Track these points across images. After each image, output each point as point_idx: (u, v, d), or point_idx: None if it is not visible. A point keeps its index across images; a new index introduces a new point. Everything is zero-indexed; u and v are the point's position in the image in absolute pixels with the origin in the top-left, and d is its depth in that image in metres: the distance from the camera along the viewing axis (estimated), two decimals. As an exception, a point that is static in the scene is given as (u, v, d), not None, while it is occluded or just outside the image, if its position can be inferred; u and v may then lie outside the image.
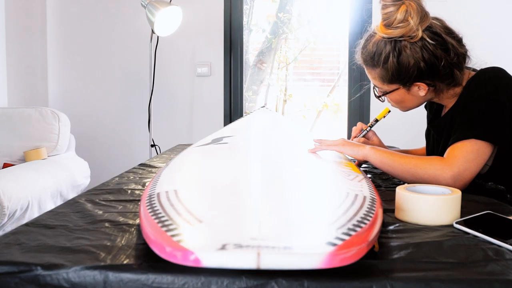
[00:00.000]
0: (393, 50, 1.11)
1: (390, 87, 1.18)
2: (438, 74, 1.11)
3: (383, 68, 1.14)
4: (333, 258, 0.50)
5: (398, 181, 1.22)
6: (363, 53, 1.18)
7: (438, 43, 1.10)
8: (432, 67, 1.10)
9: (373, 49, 1.14)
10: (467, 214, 0.85)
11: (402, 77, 1.13)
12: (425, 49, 1.09)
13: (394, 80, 1.15)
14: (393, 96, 1.20)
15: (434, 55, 1.09)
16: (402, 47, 1.10)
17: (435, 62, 1.10)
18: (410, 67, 1.10)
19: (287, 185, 0.80)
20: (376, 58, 1.14)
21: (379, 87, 1.21)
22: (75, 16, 3.12)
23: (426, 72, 1.11)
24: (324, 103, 3.95)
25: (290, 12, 3.89)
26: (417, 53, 1.09)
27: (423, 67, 1.10)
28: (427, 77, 1.12)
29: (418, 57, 1.09)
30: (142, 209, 0.69)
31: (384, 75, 1.15)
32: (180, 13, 2.63)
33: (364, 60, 1.19)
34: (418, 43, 1.09)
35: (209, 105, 3.08)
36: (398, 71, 1.12)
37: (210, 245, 0.52)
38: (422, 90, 1.15)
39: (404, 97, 1.19)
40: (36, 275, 0.59)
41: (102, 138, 3.15)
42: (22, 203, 1.87)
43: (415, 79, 1.13)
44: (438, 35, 1.10)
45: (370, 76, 1.21)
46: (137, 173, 1.29)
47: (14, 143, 2.31)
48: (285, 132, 1.42)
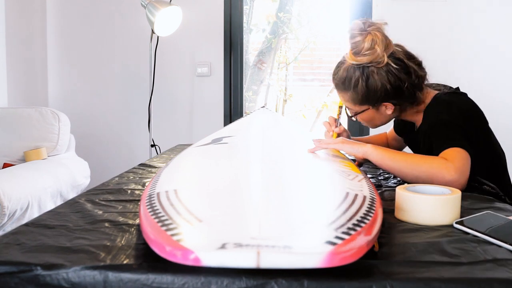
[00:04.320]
0: (362, 75, 1.21)
1: (360, 108, 1.28)
2: (403, 95, 1.23)
3: (353, 92, 1.24)
4: (333, 257, 0.50)
5: (398, 181, 1.22)
6: (335, 79, 1.28)
7: (401, 68, 1.21)
8: (397, 89, 1.21)
9: (344, 75, 1.24)
10: (467, 214, 0.85)
11: (371, 99, 1.24)
12: (390, 73, 1.20)
13: (363, 102, 1.26)
14: (364, 116, 1.31)
15: (399, 78, 1.20)
16: (370, 72, 1.20)
17: (400, 84, 1.21)
18: (377, 89, 1.21)
19: (287, 185, 0.80)
20: (347, 83, 1.24)
21: (351, 108, 1.31)
22: (75, 16, 3.12)
23: (392, 94, 1.22)
24: (324, 103, 3.95)
25: (290, 12, 3.89)
26: (383, 77, 1.20)
27: (389, 89, 1.21)
28: (393, 98, 1.23)
29: (385, 81, 1.20)
30: (142, 208, 0.69)
31: (355, 98, 1.26)
32: (180, 13, 2.63)
33: (336, 84, 1.29)
34: (383, 68, 1.20)
35: (209, 105, 3.08)
36: (367, 94, 1.23)
37: (210, 244, 0.52)
38: (389, 109, 1.27)
39: (373, 116, 1.30)
40: (36, 275, 0.59)
41: (102, 138, 3.15)
42: (22, 203, 1.86)
43: (383, 100, 1.24)
44: (400, 60, 1.21)
45: (342, 99, 1.32)
46: (137, 173, 1.29)
47: (14, 143, 2.31)
48: (285, 132, 1.42)
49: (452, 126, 1.14)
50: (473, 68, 2.88)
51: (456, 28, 2.88)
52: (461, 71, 2.86)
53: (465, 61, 2.89)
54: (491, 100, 2.35)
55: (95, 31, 3.11)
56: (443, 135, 1.13)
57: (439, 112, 1.19)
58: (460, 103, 1.22)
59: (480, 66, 2.89)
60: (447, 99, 1.23)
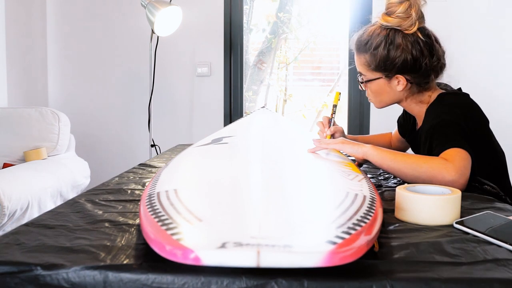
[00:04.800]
0: (386, 38, 1.19)
1: (373, 74, 1.25)
2: (419, 71, 1.21)
3: (371, 54, 1.22)
4: (333, 257, 0.50)
5: (398, 181, 1.22)
6: (358, 39, 1.26)
7: (427, 44, 1.20)
8: (416, 62, 1.19)
9: (368, 36, 1.23)
10: (467, 214, 0.85)
11: (387, 66, 1.21)
12: (415, 45, 1.18)
13: (378, 68, 1.23)
14: (374, 86, 1.28)
15: (421, 52, 1.19)
16: (395, 37, 1.19)
17: (420, 58, 1.19)
18: (396, 58, 1.19)
19: (287, 184, 0.80)
20: (368, 44, 1.22)
21: (364, 74, 1.28)
22: (75, 16, 3.12)
23: (409, 66, 1.20)
24: (324, 103, 3.95)
25: (290, 12, 3.89)
26: (407, 46, 1.18)
27: (408, 61, 1.19)
28: (409, 72, 1.21)
29: (407, 50, 1.18)
30: (142, 208, 0.69)
31: (371, 62, 1.23)
32: (180, 13, 2.63)
33: (357, 45, 1.26)
34: (410, 37, 1.18)
35: (209, 105, 3.08)
36: (385, 59, 1.20)
37: (210, 243, 0.52)
38: (401, 85, 1.24)
39: (383, 88, 1.27)
40: (36, 275, 0.59)
41: (102, 138, 3.15)
42: (22, 203, 1.86)
43: (397, 70, 1.21)
44: (429, 37, 1.21)
45: (358, 62, 1.28)
46: (137, 173, 1.29)
47: (14, 143, 2.31)
48: (285, 132, 1.42)
49: (453, 127, 1.14)
50: (473, 68, 2.88)
51: (456, 28, 2.88)
52: (461, 71, 2.86)
53: (465, 61, 2.89)
54: (491, 100, 2.35)
55: (95, 31, 3.11)
56: (444, 135, 1.13)
57: (441, 112, 1.19)
58: (463, 104, 1.22)
59: (480, 66, 2.89)
60: (450, 100, 1.23)
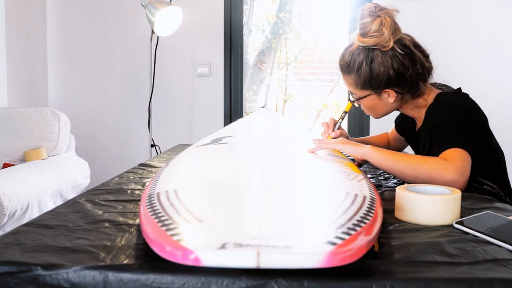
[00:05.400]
0: (366, 58, 1.22)
1: (362, 92, 1.29)
2: (405, 82, 1.23)
3: (356, 74, 1.25)
4: (333, 257, 0.50)
5: (398, 181, 1.22)
6: (341, 61, 1.30)
7: (407, 54, 1.22)
8: (400, 75, 1.22)
9: (349, 57, 1.26)
10: (467, 214, 0.85)
11: (373, 83, 1.24)
12: (395, 59, 1.21)
13: (366, 86, 1.26)
14: (366, 102, 1.31)
15: (403, 64, 1.21)
16: (374, 55, 1.21)
17: (403, 71, 1.21)
18: (380, 74, 1.22)
19: (287, 185, 0.80)
20: (351, 65, 1.25)
21: (354, 93, 1.32)
22: (75, 16, 3.11)
23: (394, 80, 1.22)
24: (324, 103, 3.95)
25: (290, 12, 3.89)
26: (387, 61, 1.21)
27: (392, 75, 1.21)
28: (396, 85, 1.24)
29: (388, 65, 1.21)
30: (142, 208, 0.69)
31: (357, 81, 1.26)
32: (180, 13, 2.63)
33: (341, 67, 1.30)
34: (389, 52, 1.21)
35: (209, 105, 3.08)
36: (370, 78, 1.23)
37: (210, 244, 0.52)
38: (391, 97, 1.27)
39: (375, 103, 1.30)
40: (36, 275, 0.59)
41: (102, 138, 3.15)
42: (22, 203, 1.86)
43: (385, 85, 1.24)
44: (407, 47, 1.22)
45: (346, 82, 1.32)
46: (137, 173, 1.29)
47: (14, 143, 2.31)
48: (285, 132, 1.42)
49: (453, 127, 1.14)
50: (473, 69, 2.88)
51: (456, 28, 2.88)
52: (460, 71, 2.86)
53: (465, 61, 2.89)
54: (491, 100, 2.35)
55: (95, 31, 3.11)
56: (444, 135, 1.13)
57: (441, 112, 1.19)
58: (463, 104, 1.22)
59: (480, 66, 2.89)
60: (449, 100, 1.23)
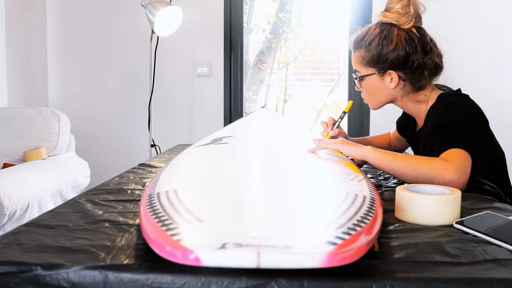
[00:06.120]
0: (381, 32, 1.25)
1: (367, 70, 1.29)
2: (412, 67, 1.24)
3: (366, 49, 1.27)
4: (333, 257, 0.50)
5: (398, 181, 1.22)
6: (354, 36, 1.32)
7: (421, 41, 1.24)
8: (408, 58, 1.23)
9: (364, 32, 1.29)
10: (467, 214, 0.85)
11: (380, 60, 1.25)
12: (409, 41, 1.23)
13: (371, 63, 1.27)
14: (367, 83, 1.31)
15: (414, 48, 1.23)
16: (390, 31, 1.24)
17: (413, 55, 1.23)
18: (389, 51, 1.23)
19: (287, 185, 0.80)
20: (365, 39, 1.27)
21: (358, 71, 1.32)
22: (75, 16, 3.12)
23: (402, 61, 1.23)
24: (324, 103, 3.95)
25: (290, 12, 3.89)
26: (401, 41, 1.23)
27: (401, 55, 1.23)
28: (401, 67, 1.24)
29: (400, 45, 1.23)
30: (142, 208, 0.69)
31: (365, 56, 1.27)
32: (180, 13, 2.63)
33: (354, 42, 1.31)
34: (405, 33, 1.23)
35: (209, 105, 3.08)
36: (378, 54, 1.25)
37: (210, 244, 0.52)
38: (393, 82, 1.27)
39: (376, 85, 1.30)
40: (36, 275, 0.59)
41: (102, 138, 3.15)
42: (22, 203, 1.86)
43: (390, 66, 1.25)
44: (423, 36, 1.25)
45: (354, 59, 1.32)
46: (137, 173, 1.29)
47: (14, 143, 2.31)
48: (285, 132, 1.42)
49: (454, 127, 1.14)
50: (473, 69, 2.88)
51: (456, 28, 2.87)
52: (460, 72, 2.86)
53: (465, 61, 2.89)
54: (491, 101, 2.35)
55: (95, 31, 3.11)
56: (445, 136, 1.13)
57: (443, 113, 1.19)
58: (464, 105, 1.22)
59: (480, 67, 2.89)
60: (451, 101, 1.23)
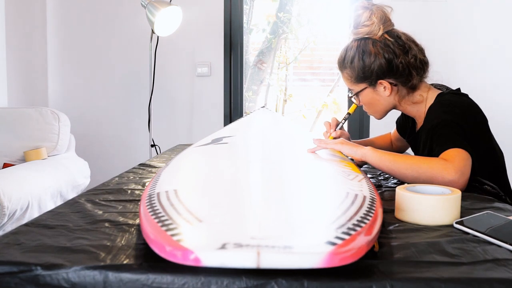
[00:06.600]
0: (358, 48, 1.27)
1: (358, 86, 1.31)
2: (398, 72, 1.25)
3: (350, 68, 1.29)
4: (333, 258, 0.50)
5: (398, 181, 1.22)
6: (338, 59, 1.34)
7: (398, 44, 1.25)
8: (391, 63, 1.24)
9: (344, 53, 1.31)
10: (467, 214, 0.85)
11: (366, 74, 1.27)
12: (386, 47, 1.24)
13: (360, 79, 1.29)
14: (364, 97, 1.33)
15: (394, 52, 1.24)
16: (366, 45, 1.26)
17: (394, 59, 1.24)
18: (371, 63, 1.25)
19: (287, 185, 0.80)
20: (346, 59, 1.30)
21: (351, 89, 1.34)
22: (75, 16, 3.12)
23: (386, 69, 1.25)
24: (324, 103, 3.95)
25: (290, 12, 3.89)
26: (378, 50, 1.24)
27: (383, 64, 1.24)
28: (388, 75, 1.26)
29: (379, 54, 1.24)
30: (142, 208, 0.69)
31: (352, 75, 1.30)
32: (180, 13, 2.63)
33: (338, 64, 1.34)
34: (379, 42, 1.25)
35: (209, 105, 3.08)
36: (363, 69, 1.26)
37: (210, 244, 0.52)
38: (387, 90, 1.28)
39: (372, 97, 1.31)
40: (36, 275, 0.59)
41: (102, 138, 3.15)
42: (22, 203, 1.86)
43: (378, 76, 1.26)
44: (399, 38, 1.26)
45: (344, 79, 1.35)
46: (137, 173, 1.29)
47: (14, 143, 2.31)
48: (285, 132, 1.42)
49: (454, 127, 1.14)
50: (472, 69, 2.88)
51: (456, 28, 2.87)
52: (460, 72, 2.86)
53: (465, 61, 2.89)
54: (491, 100, 2.35)
55: (95, 31, 3.11)
56: (444, 135, 1.13)
57: (442, 113, 1.19)
58: (463, 104, 1.22)
59: (479, 67, 2.89)
60: (450, 100, 1.23)
